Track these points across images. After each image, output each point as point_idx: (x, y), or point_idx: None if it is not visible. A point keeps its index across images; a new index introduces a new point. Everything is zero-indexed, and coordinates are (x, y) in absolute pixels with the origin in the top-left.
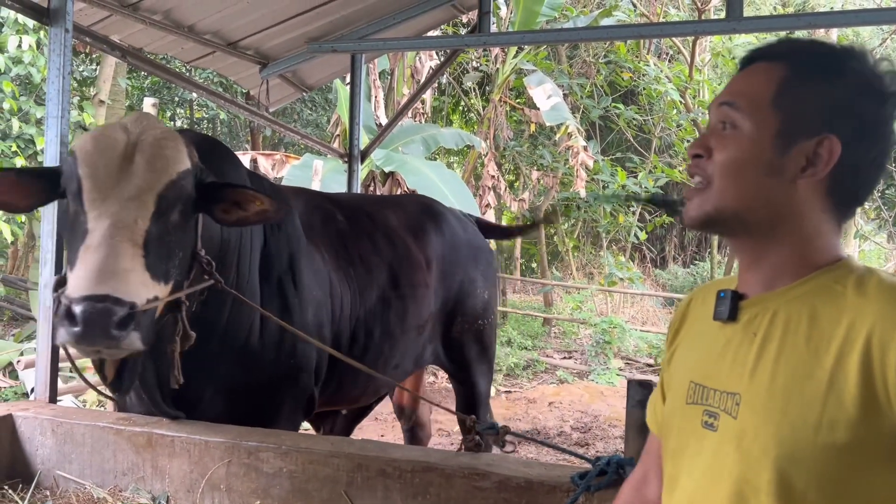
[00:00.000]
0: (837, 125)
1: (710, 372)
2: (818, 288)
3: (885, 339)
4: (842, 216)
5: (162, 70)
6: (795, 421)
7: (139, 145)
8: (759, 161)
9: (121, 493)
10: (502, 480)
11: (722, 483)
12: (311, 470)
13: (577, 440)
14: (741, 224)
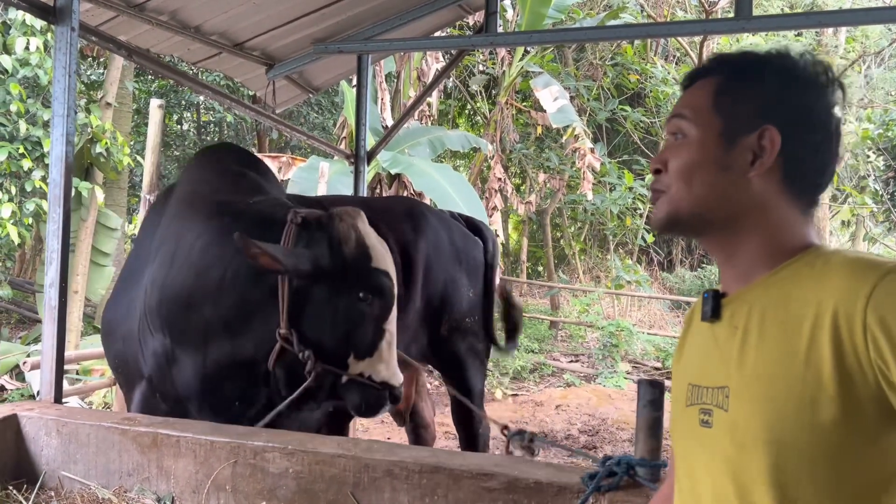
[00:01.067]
0: (773, 116)
1: (702, 371)
2: (790, 274)
3: (849, 312)
4: (806, 204)
5: (169, 70)
6: (780, 404)
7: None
8: (708, 160)
9: (126, 494)
10: (511, 481)
11: (723, 478)
12: (318, 470)
13: (584, 443)
14: (704, 222)
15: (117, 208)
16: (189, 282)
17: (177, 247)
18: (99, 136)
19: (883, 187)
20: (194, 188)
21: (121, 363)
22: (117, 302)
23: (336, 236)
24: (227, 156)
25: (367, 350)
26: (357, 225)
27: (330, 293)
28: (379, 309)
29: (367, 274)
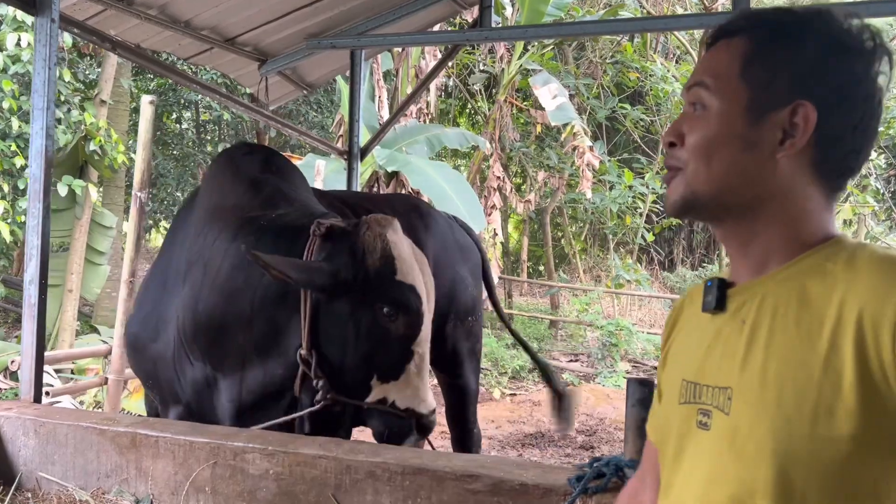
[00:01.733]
0: (810, 90)
1: (701, 367)
2: (809, 268)
3: (876, 316)
4: (832, 191)
5: (156, 64)
6: (790, 412)
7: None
8: (731, 137)
9: (104, 496)
10: (496, 483)
11: (718, 487)
12: (299, 472)
13: (581, 443)
14: (722, 207)
15: (114, 207)
16: (220, 307)
17: (205, 270)
18: (93, 133)
19: (884, 186)
20: (218, 200)
21: (154, 385)
22: (146, 319)
23: (360, 246)
24: (251, 161)
25: (390, 373)
26: (385, 234)
27: (352, 308)
28: (404, 327)
29: (391, 287)
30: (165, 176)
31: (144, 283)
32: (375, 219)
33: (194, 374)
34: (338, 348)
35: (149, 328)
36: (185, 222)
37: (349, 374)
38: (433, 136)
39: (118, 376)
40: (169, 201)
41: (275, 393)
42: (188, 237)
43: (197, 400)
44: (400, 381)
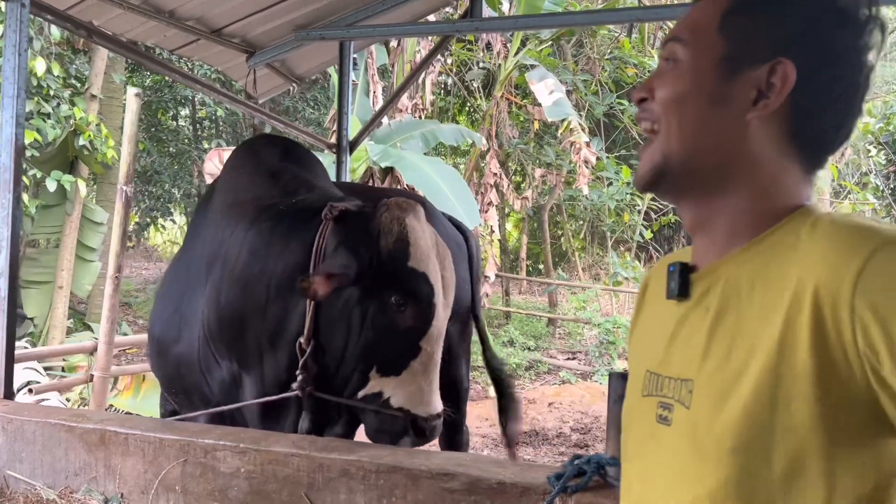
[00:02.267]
0: (793, 50)
1: (664, 358)
2: (772, 244)
3: (834, 294)
4: (809, 165)
5: (137, 54)
6: (749, 403)
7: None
8: (700, 90)
9: (72, 495)
10: (473, 482)
11: (681, 488)
12: (270, 470)
13: (576, 441)
14: (690, 174)
15: (107, 203)
16: (240, 298)
17: (224, 262)
18: (82, 128)
19: (884, 182)
20: (237, 194)
21: (178, 390)
22: (168, 320)
23: (375, 228)
24: (270, 151)
25: (392, 367)
26: (404, 218)
27: (360, 294)
28: (412, 318)
29: (402, 274)
30: (161, 173)
31: (165, 282)
32: (397, 201)
33: (221, 374)
34: (340, 335)
35: (172, 329)
36: (203, 218)
37: (348, 364)
38: (428, 132)
39: (104, 373)
40: (165, 198)
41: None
42: (207, 234)
43: (226, 401)
44: (401, 378)
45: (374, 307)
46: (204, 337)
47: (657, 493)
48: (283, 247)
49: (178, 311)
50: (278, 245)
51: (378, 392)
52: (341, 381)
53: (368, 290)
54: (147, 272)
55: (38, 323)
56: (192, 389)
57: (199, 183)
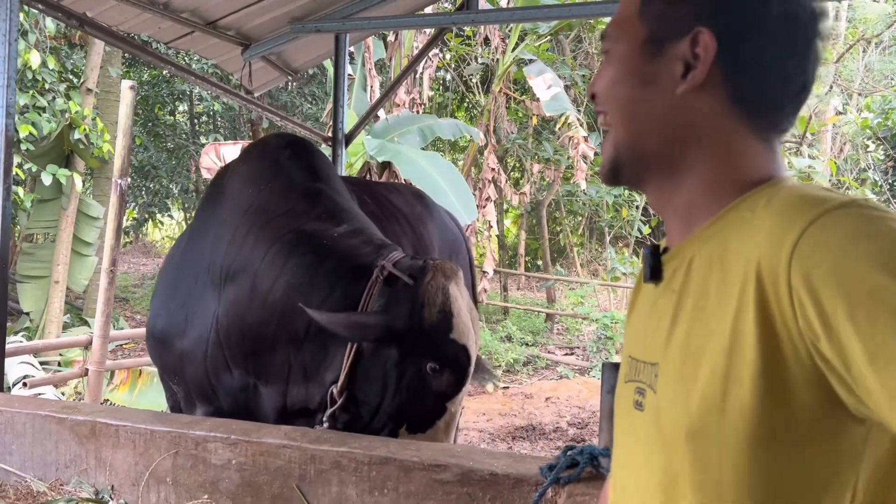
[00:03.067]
0: (710, 17)
1: (640, 343)
2: (733, 220)
3: (773, 269)
4: (766, 129)
5: (131, 46)
6: (705, 387)
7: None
8: (629, 75)
9: (62, 487)
10: (465, 473)
11: (649, 474)
12: (262, 462)
13: (573, 436)
14: (641, 160)
15: (103, 198)
16: (273, 324)
17: (255, 280)
18: (77, 122)
19: (882, 178)
20: (263, 204)
21: (179, 380)
22: (173, 313)
23: (420, 297)
24: (298, 166)
25: (420, 425)
26: (448, 288)
27: (399, 357)
28: (446, 385)
29: (443, 344)
30: (159, 168)
31: (168, 276)
32: (441, 268)
33: (232, 380)
34: (375, 393)
35: (177, 323)
36: (214, 216)
37: (380, 420)
38: (426, 127)
39: (99, 367)
40: (162, 193)
41: (315, 411)
42: (224, 235)
43: (232, 405)
44: (426, 435)
45: (412, 371)
46: (217, 342)
47: (632, 479)
48: (329, 292)
49: (186, 305)
50: (323, 289)
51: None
52: (371, 433)
53: (407, 355)
54: (145, 268)
55: (34, 318)
56: (193, 384)
57: (196, 178)
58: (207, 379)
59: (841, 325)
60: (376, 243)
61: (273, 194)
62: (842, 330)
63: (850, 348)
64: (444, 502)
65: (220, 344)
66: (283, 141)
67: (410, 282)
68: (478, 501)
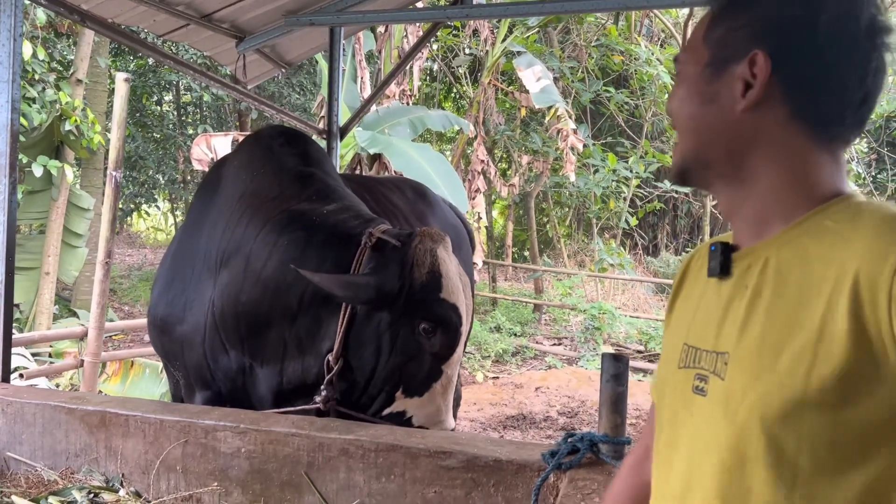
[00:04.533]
0: (765, 40)
1: (702, 332)
2: (811, 228)
3: (873, 279)
4: (829, 143)
5: (130, 39)
6: (784, 377)
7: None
8: (693, 94)
9: (73, 476)
10: (470, 459)
11: (712, 454)
12: (271, 450)
13: (563, 425)
14: (706, 167)
15: (93, 189)
16: (266, 300)
17: (248, 261)
18: (68, 112)
19: (866, 170)
20: (256, 189)
21: (180, 366)
22: (173, 301)
23: (409, 259)
24: (290, 152)
25: (416, 389)
26: (436, 250)
27: (391, 320)
28: (440, 345)
29: (434, 304)
30: (146, 158)
31: (168, 265)
32: (428, 233)
33: (229, 362)
34: (370, 356)
35: (176, 310)
36: (210, 205)
37: (376, 384)
38: (416, 119)
39: (94, 359)
40: (149, 184)
41: (312, 386)
42: (219, 223)
43: (230, 388)
44: (424, 398)
45: (405, 333)
46: (213, 325)
47: (684, 459)
48: (319, 263)
49: (184, 293)
50: (314, 260)
51: (402, 411)
52: (367, 398)
53: (399, 317)
54: (131, 259)
55: (24, 309)
56: (193, 370)
57: (184, 169)
58: (206, 363)
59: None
60: (365, 217)
61: (265, 179)
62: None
63: None
64: (450, 488)
65: (216, 327)
66: (276, 131)
67: (398, 244)
68: (482, 487)
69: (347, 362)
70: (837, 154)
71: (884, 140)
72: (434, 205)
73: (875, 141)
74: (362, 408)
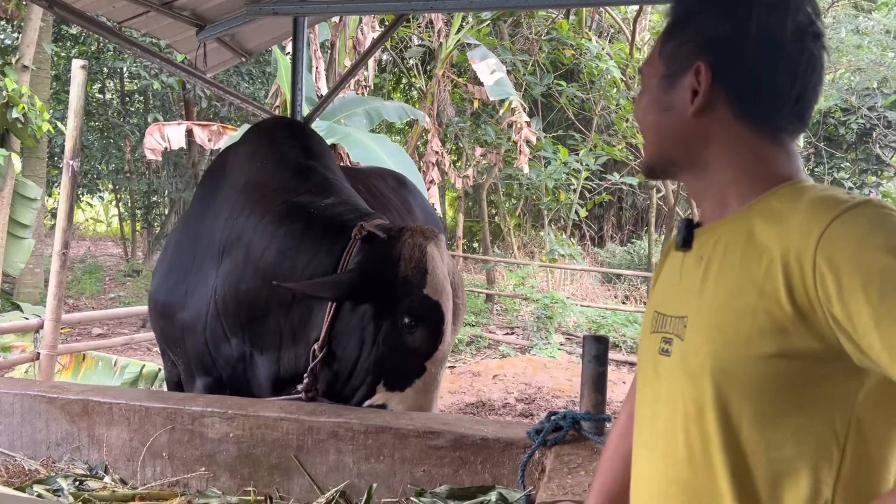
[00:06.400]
0: (705, 51)
1: (667, 299)
2: (761, 209)
3: (801, 252)
4: (776, 133)
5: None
6: (730, 336)
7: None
8: (652, 103)
9: (55, 465)
10: (457, 438)
11: (676, 407)
12: (259, 434)
13: (521, 411)
14: (671, 163)
15: (36, 179)
16: (264, 290)
17: (248, 251)
18: (15, 100)
19: (805, 163)
20: (259, 181)
21: (181, 353)
22: (174, 288)
23: (397, 252)
24: (293, 145)
25: (398, 382)
26: (425, 247)
27: (375, 312)
28: (420, 341)
29: (417, 299)
30: (90, 148)
31: (171, 252)
32: (421, 229)
33: (230, 350)
34: (354, 346)
35: (177, 297)
36: (214, 195)
37: (358, 375)
38: (372, 109)
39: (51, 352)
40: (93, 174)
41: (304, 375)
42: (222, 212)
43: (231, 375)
44: (406, 393)
45: (388, 325)
46: (215, 312)
47: (654, 414)
48: (313, 254)
49: (186, 279)
50: (308, 251)
51: (382, 404)
52: (350, 389)
53: (384, 309)
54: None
55: None
56: (194, 356)
57: (131, 159)
58: (207, 350)
59: (855, 294)
60: (361, 211)
61: (267, 171)
62: (855, 298)
63: (859, 313)
64: (438, 466)
65: (217, 315)
66: (280, 122)
67: (384, 236)
68: (470, 465)
69: (332, 351)
70: (787, 145)
71: (821, 135)
72: (415, 192)
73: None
74: (345, 398)
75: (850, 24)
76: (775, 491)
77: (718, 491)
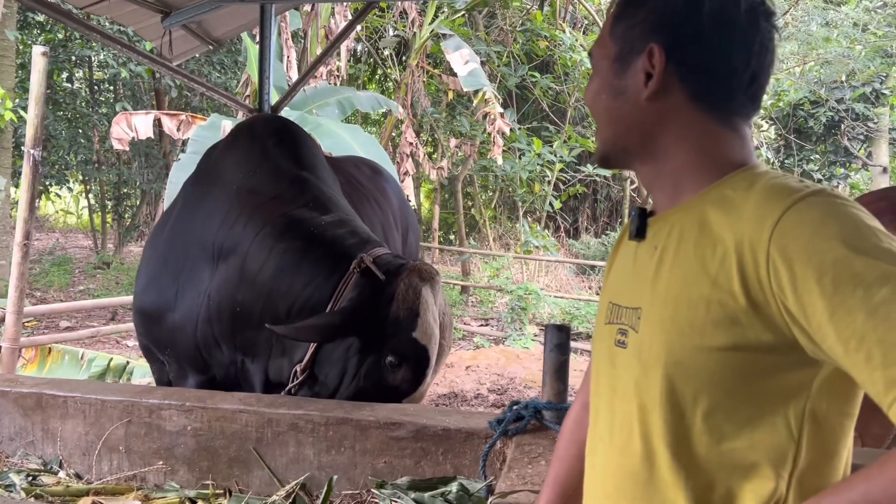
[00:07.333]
0: (659, 33)
1: (622, 290)
2: (714, 197)
3: (755, 242)
4: (729, 117)
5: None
6: (683, 327)
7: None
8: (604, 87)
9: (7, 460)
10: (419, 429)
11: (630, 399)
12: (218, 427)
13: (493, 402)
14: (625, 151)
15: (1, 169)
16: (259, 304)
17: (245, 262)
18: None
19: (775, 155)
20: (253, 186)
21: (171, 353)
22: (161, 289)
23: (391, 291)
24: (284, 152)
25: None
26: (420, 289)
27: (361, 345)
28: (401, 380)
29: (404, 341)
30: (57, 137)
31: (158, 251)
32: (419, 268)
33: (221, 357)
34: (335, 375)
35: (167, 298)
36: (206, 194)
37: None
38: (344, 99)
39: (13, 345)
40: (61, 164)
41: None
42: (215, 213)
43: (224, 376)
44: None
45: (372, 361)
46: (206, 318)
47: (609, 405)
48: (311, 277)
49: (176, 280)
50: (306, 274)
51: None
52: None
53: (370, 344)
54: (41, 243)
55: None
56: (184, 356)
57: (100, 149)
58: (199, 352)
59: (809, 286)
60: (362, 236)
61: (262, 178)
62: (809, 290)
63: (813, 305)
64: (399, 458)
65: (209, 320)
66: (270, 127)
67: (382, 277)
68: (431, 455)
69: (314, 375)
70: (741, 129)
71: (791, 127)
72: (390, 180)
73: (783, 128)
74: None
75: (819, 17)
76: (730, 483)
77: (672, 483)
